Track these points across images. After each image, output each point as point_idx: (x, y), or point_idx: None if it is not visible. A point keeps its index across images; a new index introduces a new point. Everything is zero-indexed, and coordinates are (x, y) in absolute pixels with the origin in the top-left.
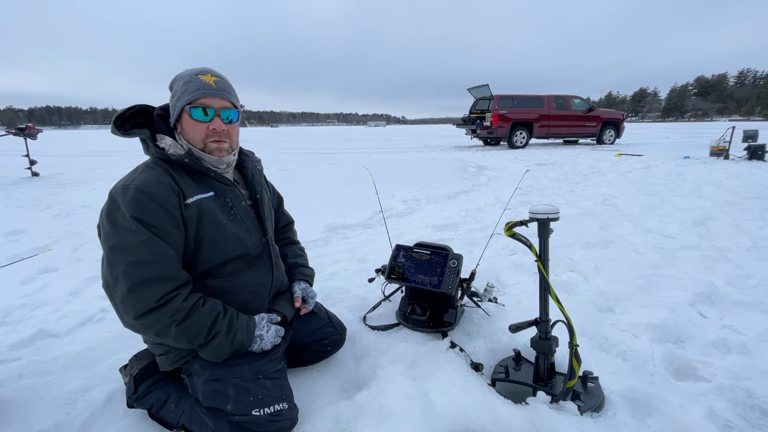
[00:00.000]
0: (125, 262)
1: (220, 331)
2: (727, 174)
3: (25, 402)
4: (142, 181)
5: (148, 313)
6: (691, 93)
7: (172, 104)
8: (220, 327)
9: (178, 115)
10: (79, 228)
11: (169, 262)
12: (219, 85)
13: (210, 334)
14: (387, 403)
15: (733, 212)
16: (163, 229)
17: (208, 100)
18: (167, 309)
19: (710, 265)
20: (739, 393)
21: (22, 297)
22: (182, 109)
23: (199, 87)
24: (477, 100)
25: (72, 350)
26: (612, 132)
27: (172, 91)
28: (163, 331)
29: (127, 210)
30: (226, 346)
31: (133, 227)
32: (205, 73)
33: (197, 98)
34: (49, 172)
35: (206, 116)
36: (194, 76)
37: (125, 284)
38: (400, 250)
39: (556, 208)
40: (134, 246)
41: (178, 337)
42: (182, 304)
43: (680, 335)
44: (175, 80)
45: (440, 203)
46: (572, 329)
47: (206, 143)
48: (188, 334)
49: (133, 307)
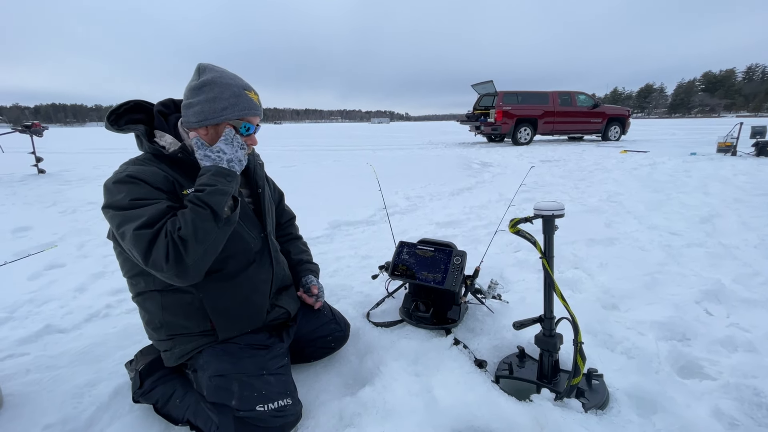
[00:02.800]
0: (129, 234)
1: (199, 195)
2: (734, 170)
3: (32, 396)
4: (134, 170)
5: (167, 255)
6: (699, 89)
7: (207, 108)
8: (195, 196)
9: (216, 123)
10: (85, 224)
11: (162, 213)
12: (260, 105)
13: (201, 203)
14: (390, 399)
15: (741, 209)
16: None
17: (254, 119)
18: (168, 237)
19: (717, 263)
20: (746, 391)
21: (29, 293)
22: (225, 119)
23: (251, 106)
24: (481, 97)
25: (78, 345)
26: (617, 128)
27: (206, 93)
28: (187, 247)
29: (125, 195)
30: (216, 185)
31: (130, 204)
32: (249, 89)
33: (247, 116)
34: (54, 169)
35: (248, 132)
36: (243, 92)
37: (140, 255)
38: (404, 247)
39: (561, 205)
40: (135, 217)
41: (197, 232)
42: (171, 222)
43: (686, 333)
44: (215, 85)
45: (444, 200)
46: (577, 326)
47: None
48: (195, 222)
49: (158, 265)
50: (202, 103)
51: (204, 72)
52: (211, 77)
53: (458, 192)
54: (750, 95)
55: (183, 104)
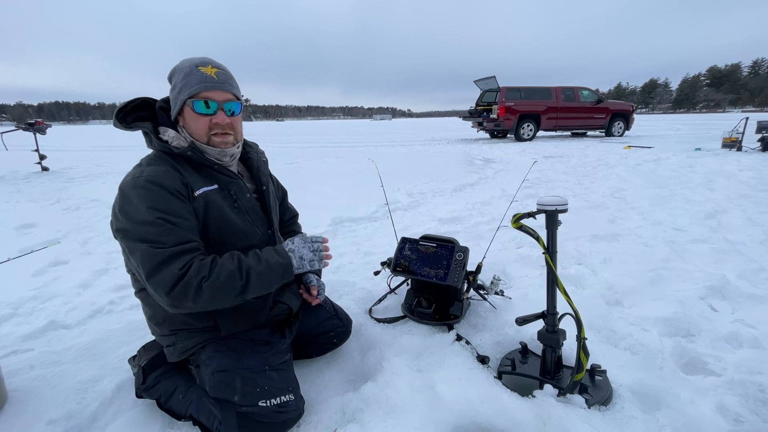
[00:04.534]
0: (141, 249)
1: (251, 266)
2: (739, 166)
3: (37, 391)
4: (151, 172)
5: (175, 285)
6: (704, 83)
7: (172, 97)
8: (248, 263)
9: (180, 109)
10: (89, 222)
11: (183, 238)
12: (220, 77)
13: (242, 273)
14: (393, 395)
15: (746, 205)
16: (176, 215)
17: (211, 93)
18: (191, 273)
19: (722, 258)
20: (751, 387)
21: (34, 289)
22: (184, 103)
23: (201, 80)
24: (483, 92)
25: (82, 341)
26: (621, 124)
27: (172, 83)
28: (199, 296)
29: (140, 202)
30: (268, 275)
31: (147, 217)
32: (205, 64)
33: (199, 91)
34: (58, 166)
35: (209, 109)
36: (195, 68)
37: (145, 270)
38: (406, 243)
39: (564, 200)
40: (149, 234)
41: (218, 292)
42: (201, 263)
43: (690, 329)
44: (174, 72)
45: (446, 196)
46: (580, 322)
47: (210, 136)
48: (224, 285)
49: (160, 287)
50: (171, 94)
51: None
52: (174, 66)
53: (460, 188)
54: (756, 90)
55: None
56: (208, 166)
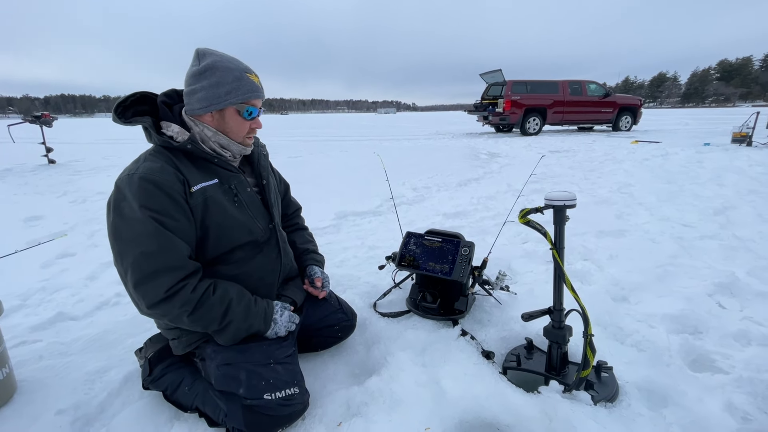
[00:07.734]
0: (133, 253)
1: (233, 320)
2: (749, 161)
3: (45, 382)
4: (147, 169)
5: (158, 303)
6: (714, 77)
7: (211, 94)
8: (233, 315)
9: (221, 108)
10: (95, 214)
11: (176, 252)
12: (261, 86)
13: (223, 322)
14: (398, 389)
15: (756, 201)
16: (170, 216)
17: (257, 102)
18: (176, 300)
19: (730, 255)
20: (760, 386)
21: (42, 281)
22: (228, 104)
23: (252, 88)
24: (489, 86)
25: (90, 333)
26: (629, 118)
27: (209, 79)
28: (176, 320)
29: (134, 199)
30: (241, 332)
31: (140, 217)
32: (250, 72)
33: (250, 99)
34: (65, 159)
35: (251, 116)
36: (244, 75)
37: (134, 276)
38: (411, 238)
39: (573, 195)
40: (141, 236)
41: (192, 325)
42: (191, 296)
43: (698, 326)
44: (215, 69)
45: (451, 191)
46: (587, 318)
47: (244, 138)
48: (201, 323)
49: (143, 297)
50: (205, 89)
51: (204, 57)
52: (212, 61)
53: (466, 183)
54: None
55: (185, 91)
56: (209, 160)
